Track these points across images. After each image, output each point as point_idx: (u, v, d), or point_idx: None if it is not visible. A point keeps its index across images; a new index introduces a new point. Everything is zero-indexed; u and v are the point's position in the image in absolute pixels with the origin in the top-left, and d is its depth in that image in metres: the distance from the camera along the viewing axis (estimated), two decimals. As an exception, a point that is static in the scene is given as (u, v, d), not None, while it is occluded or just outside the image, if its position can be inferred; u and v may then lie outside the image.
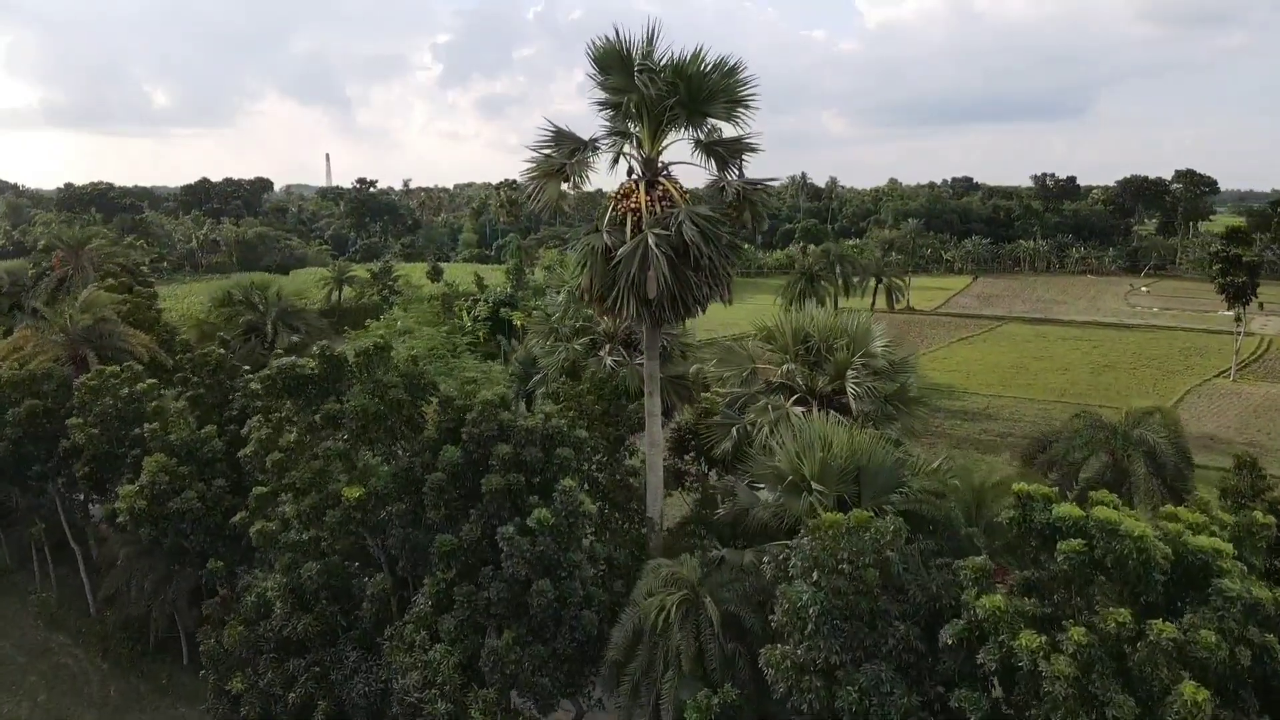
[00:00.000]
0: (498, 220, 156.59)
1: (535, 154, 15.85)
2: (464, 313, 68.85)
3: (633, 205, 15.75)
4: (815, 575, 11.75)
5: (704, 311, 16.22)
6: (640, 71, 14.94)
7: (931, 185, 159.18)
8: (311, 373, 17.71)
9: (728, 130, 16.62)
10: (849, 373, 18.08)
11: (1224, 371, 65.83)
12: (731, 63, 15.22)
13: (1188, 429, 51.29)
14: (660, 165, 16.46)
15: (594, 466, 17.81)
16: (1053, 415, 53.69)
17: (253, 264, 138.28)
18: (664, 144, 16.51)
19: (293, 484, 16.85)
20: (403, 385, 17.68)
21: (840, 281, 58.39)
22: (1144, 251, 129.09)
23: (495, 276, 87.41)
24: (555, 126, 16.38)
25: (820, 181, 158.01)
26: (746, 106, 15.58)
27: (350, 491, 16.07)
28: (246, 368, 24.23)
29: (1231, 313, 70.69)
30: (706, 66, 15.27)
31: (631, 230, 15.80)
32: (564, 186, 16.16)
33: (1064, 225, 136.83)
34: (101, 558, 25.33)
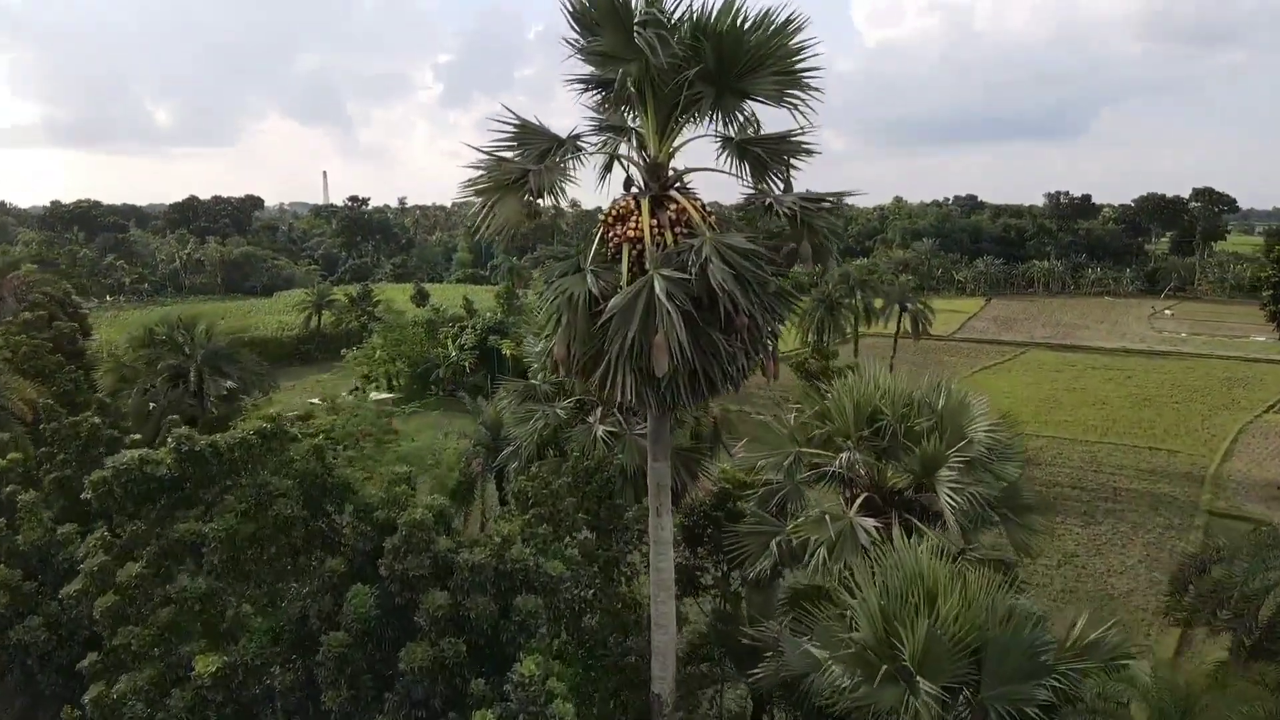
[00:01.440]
0: (494, 239, 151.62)
1: (484, 157, 10.48)
2: (449, 340, 63.65)
3: (631, 232, 10.41)
4: None
5: (737, 389, 10.81)
6: (644, 26, 9.60)
7: (938, 203, 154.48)
8: (166, 474, 12.24)
9: (767, 120, 11.42)
10: (942, 472, 12.64)
11: (1273, 406, 60.62)
12: (784, 16, 9.92)
13: (1249, 476, 46.24)
14: (671, 173, 11.14)
15: (578, 605, 12.39)
16: (1099, 458, 48.45)
17: (238, 285, 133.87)
18: (677, 142, 11.18)
19: (129, 644, 11.38)
20: (298, 492, 12.23)
21: (861, 308, 53.07)
22: (1163, 272, 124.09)
23: (487, 299, 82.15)
24: (518, 118, 11.02)
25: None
26: (805, 86, 10.27)
27: (205, 663, 10.63)
28: (135, 437, 18.71)
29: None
30: (746, 22, 9.94)
31: (630, 270, 10.49)
32: (541, 202, 10.77)
33: (1077, 245, 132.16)
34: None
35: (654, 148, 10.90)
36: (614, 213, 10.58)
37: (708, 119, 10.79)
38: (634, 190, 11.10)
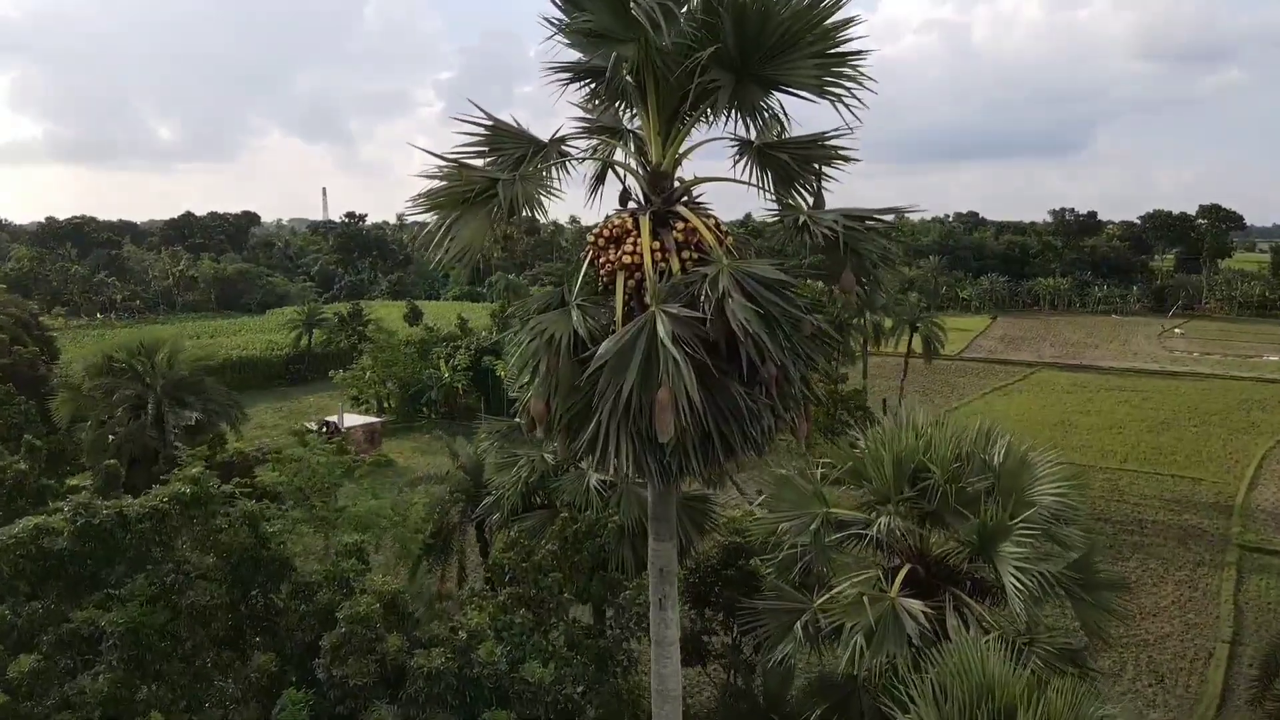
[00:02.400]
0: (491, 256, 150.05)
1: (439, 164, 8.30)
2: (442, 361, 61.51)
3: (627, 258, 8.26)
4: None
5: (760, 454, 8.61)
6: (646, -7, 7.48)
7: (940, 220, 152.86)
8: (63, 550, 10.03)
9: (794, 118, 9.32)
10: (1006, 547, 10.42)
11: (1298, 429, 58.45)
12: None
13: (1278, 505, 44.10)
14: (677, 184, 8.99)
15: (564, 704, 10.14)
16: (1121, 487, 46.14)
17: (232, 301, 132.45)
18: (685, 146, 9.04)
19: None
20: (224, 571, 10.02)
21: (870, 328, 50.91)
22: (1170, 290, 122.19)
23: (483, 317, 80.00)
24: (488, 117, 8.87)
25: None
26: (851, 74, 8.12)
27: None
28: (78, 484, 16.48)
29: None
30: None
31: (626, 305, 8.34)
32: (518, 220, 8.61)
33: (1081, 262, 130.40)
34: None
35: (656, 152, 8.76)
36: (606, 233, 8.41)
37: (724, 117, 8.64)
38: (631, 206, 8.95)
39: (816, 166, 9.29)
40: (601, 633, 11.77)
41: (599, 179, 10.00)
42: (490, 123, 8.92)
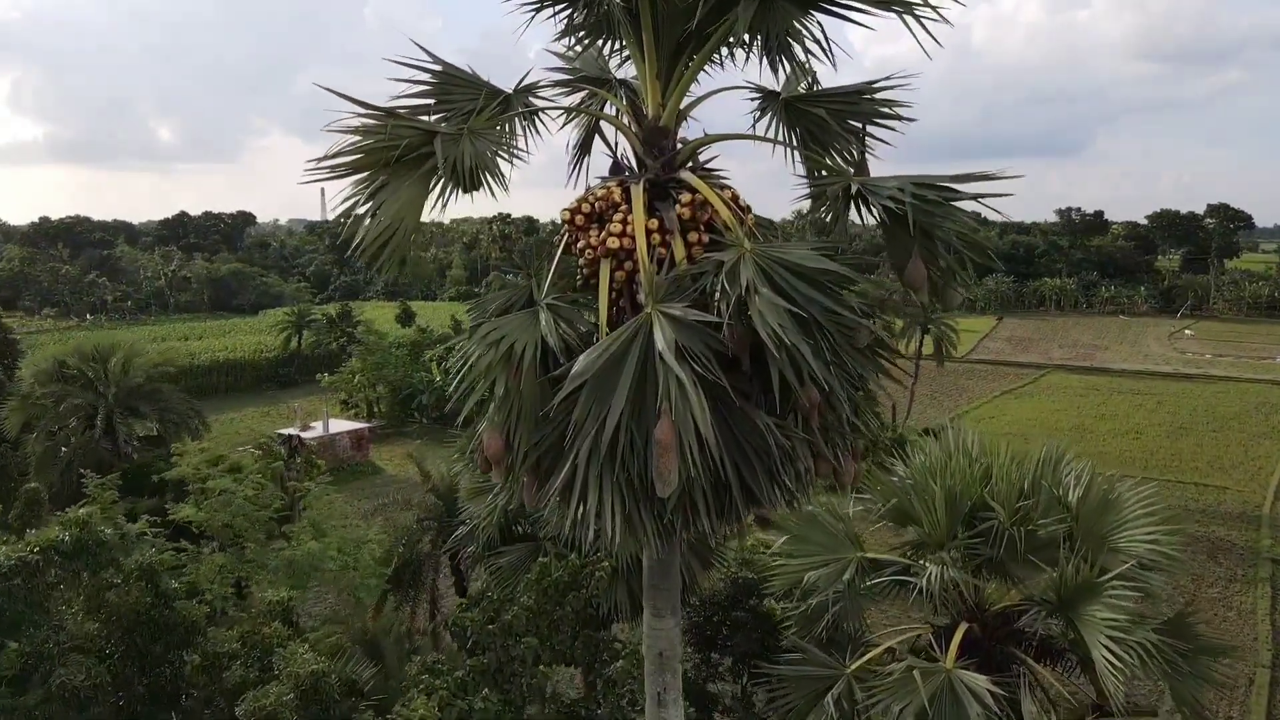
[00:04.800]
0: (489, 255, 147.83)
1: (359, 113, 6.15)
2: (434, 363, 59.35)
3: (614, 241, 6.13)
4: None
5: (794, 505, 6.48)
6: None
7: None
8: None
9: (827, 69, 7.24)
10: (1095, 612, 8.29)
11: (1317, 435, 56.35)
12: None
13: (1308, 514, 42.09)
14: (678, 145, 6.86)
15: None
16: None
17: (225, 302, 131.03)
18: (688, 99, 6.90)
19: None
20: (114, 638, 7.88)
21: (880, 329, 48.62)
22: (1179, 290, 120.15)
23: (477, 319, 77.61)
24: (436, 60, 6.72)
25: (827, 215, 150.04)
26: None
27: None
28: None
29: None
30: None
31: (613, 305, 6.24)
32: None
33: (1087, 262, 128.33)
34: None
35: (652, 102, 6.61)
36: (586, 209, 6.27)
37: (745, 52, 6.51)
38: (624, 174, 6.81)
39: (861, 126, 7.17)
40: (589, 708, 9.62)
41: (582, 148, 7.89)
42: (439, 68, 6.78)
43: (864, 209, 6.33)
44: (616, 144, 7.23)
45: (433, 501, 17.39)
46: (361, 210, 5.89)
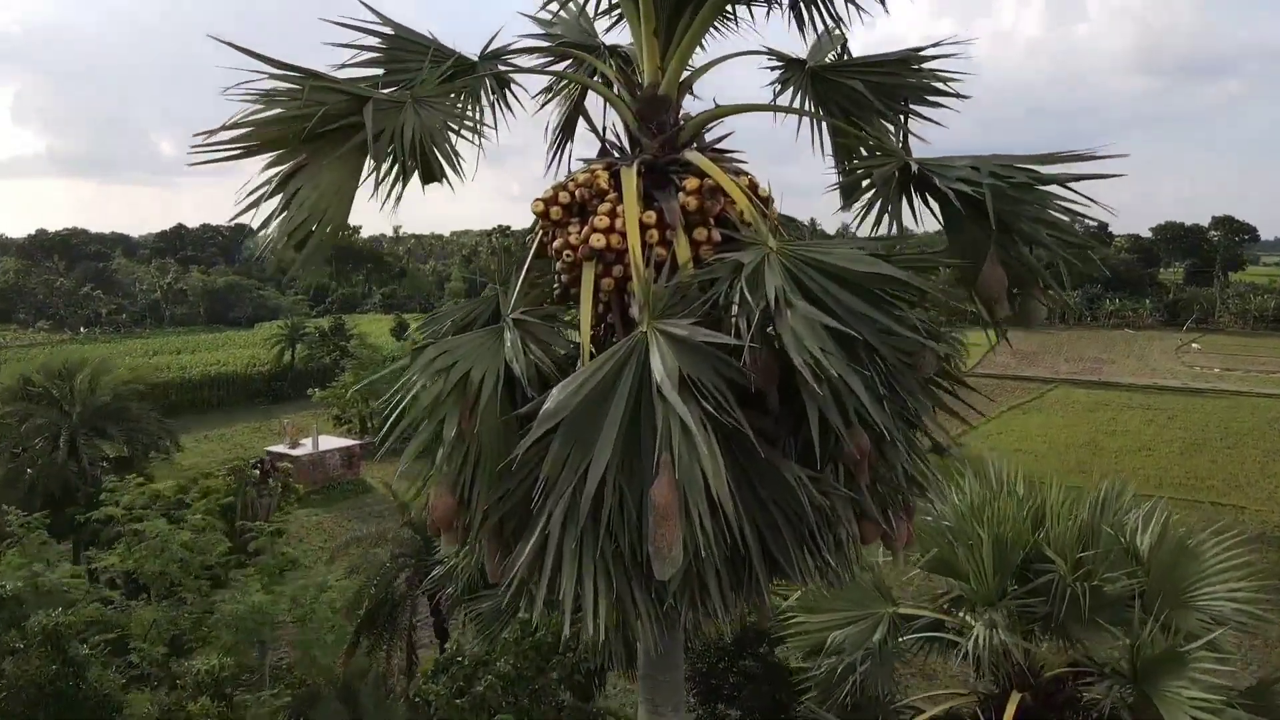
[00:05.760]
0: (489, 267, 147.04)
1: (273, 74, 4.87)
2: (429, 378, 58.00)
3: (600, 240, 4.79)
4: None
5: (827, 577, 5.11)
6: None
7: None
8: None
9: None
10: (1179, 689, 6.90)
11: (1332, 453, 54.93)
12: None
13: (1328, 535, 40.63)
14: (680, 120, 5.53)
15: None
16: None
17: (221, 315, 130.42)
18: (692, 67, 5.58)
19: None
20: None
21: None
22: (1184, 303, 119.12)
23: (474, 332, 76.25)
24: (386, 21, 5.39)
25: (830, 229, 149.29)
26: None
27: None
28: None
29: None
30: None
31: (597, 320, 4.89)
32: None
33: (1090, 275, 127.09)
34: None
35: (650, 65, 5.27)
36: (564, 198, 4.92)
37: (765, 3, 5.20)
38: (613, 157, 5.46)
39: (904, 102, 5.84)
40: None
41: (564, 129, 6.57)
42: (391, 32, 5.44)
43: (915, 201, 4.98)
44: (606, 122, 5.89)
45: (409, 536, 15.90)
46: (270, 201, 4.53)
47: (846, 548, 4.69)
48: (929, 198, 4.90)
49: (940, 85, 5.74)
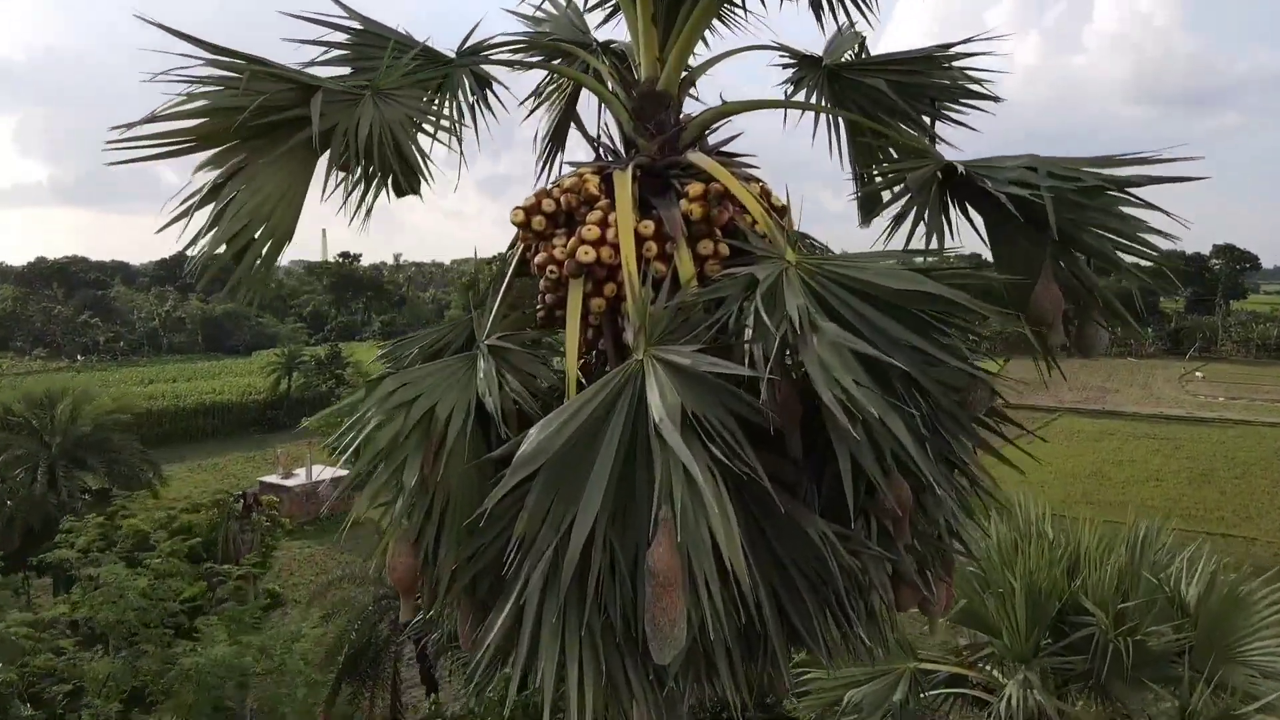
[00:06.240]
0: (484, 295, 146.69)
1: (206, 60, 4.28)
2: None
3: (590, 251, 4.15)
4: None
5: (857, 651, 4.45)
6: None
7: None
8: None
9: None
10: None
11: (1343, 483, 54.11)
12: None
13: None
14: (682, 120, 4.90)
15: None
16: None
17: (220, 343, 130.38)
18: (694, 56, 4.95)
19: None
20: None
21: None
22: (1188, 332, 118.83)
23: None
24: (353, 14, 4.80)
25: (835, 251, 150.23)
26: None
27: None
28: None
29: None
30: None
31: (586, 347, 4.22)
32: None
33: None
34: None
35: (648, 58, 4.63)
36: (549, 205, 4.26)
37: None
38: (604, 160, 4.80)
39: (933, 103, 5.21)
40: None
41: (554, 138, 5.96)
42: (358, 26, 4.81)
43: (956, 209, 4.32)
44: (599, 124, 5.26)
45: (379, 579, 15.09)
46: (203, 209, 3.87)
47: (879, 616, 3.98)
48: (969, 207, 4.23)
49: (972, 86, 5.11)
